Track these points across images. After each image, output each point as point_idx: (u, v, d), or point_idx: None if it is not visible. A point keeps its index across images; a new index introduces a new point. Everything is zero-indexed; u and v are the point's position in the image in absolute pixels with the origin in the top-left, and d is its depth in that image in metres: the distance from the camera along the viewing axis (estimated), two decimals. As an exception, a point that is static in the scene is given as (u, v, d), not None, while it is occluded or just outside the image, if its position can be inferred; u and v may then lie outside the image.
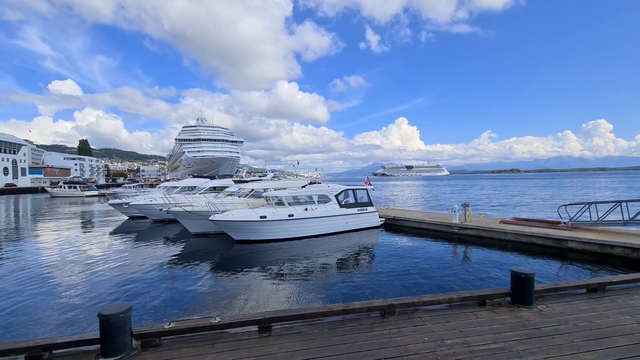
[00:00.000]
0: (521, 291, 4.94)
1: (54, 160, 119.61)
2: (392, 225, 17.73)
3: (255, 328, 4.20)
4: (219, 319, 4.11)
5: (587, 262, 10.33)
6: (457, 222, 15.10)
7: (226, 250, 13.22)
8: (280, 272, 10.16)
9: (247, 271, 10.22)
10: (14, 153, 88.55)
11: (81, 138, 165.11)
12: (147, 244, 14.96)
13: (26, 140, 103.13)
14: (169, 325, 3.97)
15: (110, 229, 19.49)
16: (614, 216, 12.08)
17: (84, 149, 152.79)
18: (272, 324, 4.22)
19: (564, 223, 13.00)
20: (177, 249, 13.90)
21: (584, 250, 11.10)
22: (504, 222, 14.77)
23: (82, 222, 23.28)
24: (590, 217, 12.43)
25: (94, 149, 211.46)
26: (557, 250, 11.55)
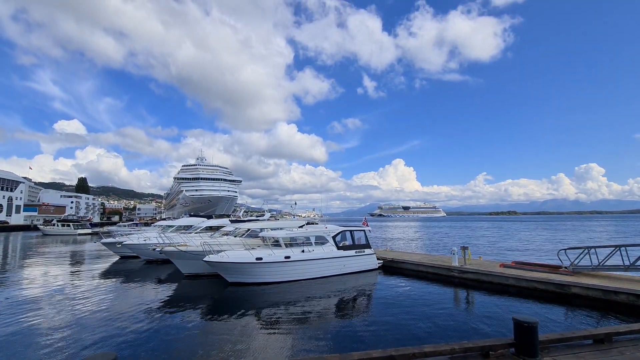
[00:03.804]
0: (526, 341, 4.73)
1: (51, 197, 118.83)
2: (390, 268, 17.31)
3: (245, 381, 3.94)
4: (208, 371, 3.86)
5: (591, 309, 10.00)
6: (457, 265, 14.80)
7: (219, 293, 12.75)
8: (275, 317, 9.74)
9: (239, 316, 9.78)
10: (11, 190, 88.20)
11: (80, 176, 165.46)
12: (136, 285, 14.43)
13: (25, 178, 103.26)
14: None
15: (100, 270, 18.87)
16: (614, 261, 11.91)
17: (81, 186, 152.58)
18: (264, 377, 3.97)
19: (565, 268, 12.77)
20: (167, 291, 13.40)
21: (587, 296, 10.78)
22: (504, 265, 14.49)
23: (71, 262, 22.60)
24: (591, 262, 12.24)
25: (92, 187, 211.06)
26: (560, 296, 11.22)
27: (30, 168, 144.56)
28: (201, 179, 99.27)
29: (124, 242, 22.15)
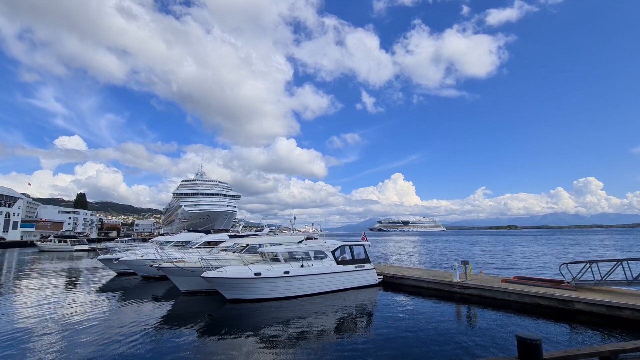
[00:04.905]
0: (530, 359, 4.61)
1: (49, 213, 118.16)
2: (390, 284, 17.07)
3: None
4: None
5: (595, 325, 9.81)
6: (458, 280, 14.62)
7: (216, 311, 12.51)
8: (274, 335, 9.52)
9: (237, 335, 9.57)
10: (9, 206, 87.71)
11: (79, 191, 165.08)
12: (132, 303, 14.18)
13: (23, 194, 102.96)
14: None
15: (95, 287, 18.57)
16: (617, 275, 11.79)
17: (80, 202, 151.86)
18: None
19: (567, 282, 12.62)
20: (163, 309, 13.15)
21: (591, 312, 10.62)
22: (506, 280, 14.31)
23: (66, 279, 22.24)
24: (593, 276, 12.11)
25: (91, 203, 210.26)
26: (564, 312, 11.04)
27: (29, 184, 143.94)
28: (200, 194, 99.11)
29: (121, 259, 21.85)
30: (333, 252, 16.09)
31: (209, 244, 23.69)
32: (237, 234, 30.53)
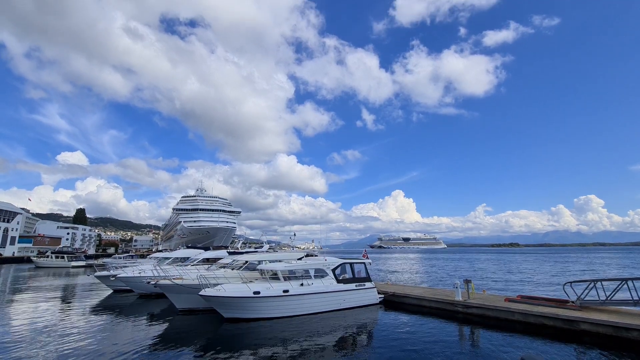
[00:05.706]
0: (536, 383, 4.47)
1: (47, 229, 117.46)
2: (391, 302, 16.75)
3: None
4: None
5: (602, 347, 9.53)
6: (460, 299, 14.34)
7: (213, 330, 12.23)
8: (271, 356, 9.27)
9: (234, 355, 9.31)
10: (8, 221, 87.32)
11: (79, 207, 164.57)
12: (127, 321, 13.87)
13: (22, 209, 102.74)
14: None
15: (90, 304, 18.22)
16: (622, 295, 11.56)
17: (79, 217, 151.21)
18: None
19: (572, 302, 12.37)
20: (160, 327, 12.86)
21: (597, 333, 10.35)
22: (509, 300, 14.04)
23: (62, 297, 21.85)
24: (598, 296, 11.87)
25: (90, 218, 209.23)
26: (569, 333, 10.76)
27: (29, 199, 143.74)
28: (200, 210, 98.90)
29: (118, 275, 21.54)
30: (333, 271, 15.85)
31: (207, 261, 23.42)
32: (237, 250, 30.27)
